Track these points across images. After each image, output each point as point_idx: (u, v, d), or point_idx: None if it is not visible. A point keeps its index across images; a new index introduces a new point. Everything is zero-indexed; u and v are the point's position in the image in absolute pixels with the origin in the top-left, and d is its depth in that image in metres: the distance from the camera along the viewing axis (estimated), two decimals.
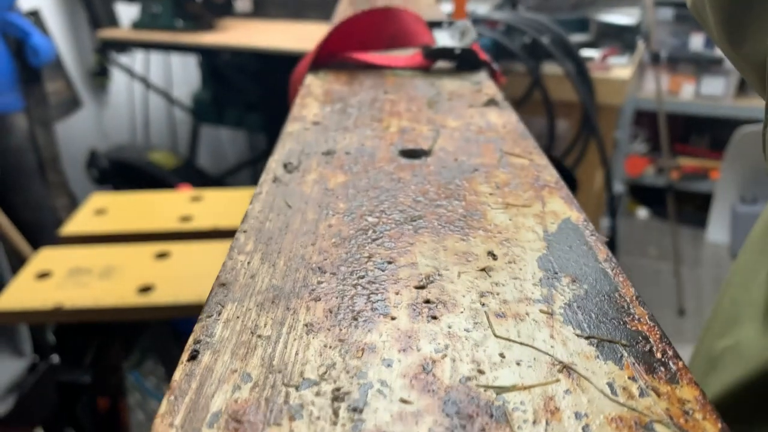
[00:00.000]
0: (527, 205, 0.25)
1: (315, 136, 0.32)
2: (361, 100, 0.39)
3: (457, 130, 0.33)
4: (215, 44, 1.62)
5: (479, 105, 0.38)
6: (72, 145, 2.02)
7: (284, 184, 0.26)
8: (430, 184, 0.27)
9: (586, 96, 1.32)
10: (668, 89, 2.70)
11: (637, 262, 2.60)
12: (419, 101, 0.39)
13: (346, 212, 0.24)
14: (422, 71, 0.46)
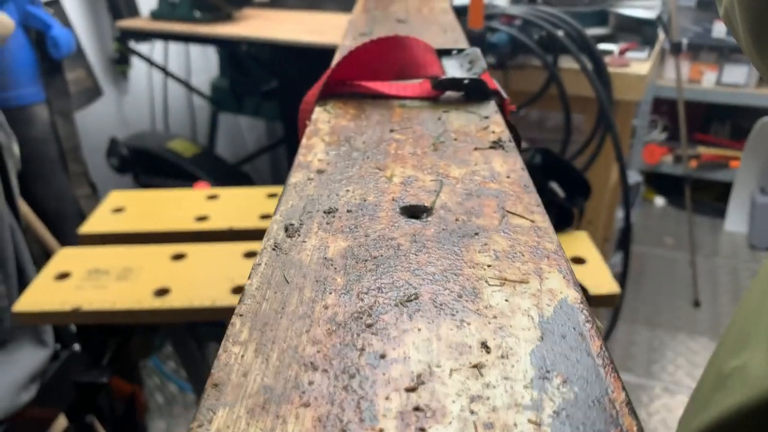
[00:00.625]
0: (525, 281, 0.25)
1: (318, 191, 0.32)
2: (366, 140, 0.38)
3: (460, 181, 0.33)
4: (232, 35, 1.61)
5: (485, 147, 0.37)
6: (93, 134, 2.04)
7: (284, 252, 0.26)
8: (429, 252, 0.26)
9: (602, 92, 1.30)
10: (689, 77, 2.65)
11: (653, 252, 2.57)
12: (425, 142, 0.38)
13: (344, 289, 0.24)
14: (431, 101, 0.45)
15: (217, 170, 1.94)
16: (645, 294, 2.31)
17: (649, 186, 3.02)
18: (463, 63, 0.46)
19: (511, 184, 0.33)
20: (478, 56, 0.46)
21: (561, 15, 1.36)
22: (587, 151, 1.45)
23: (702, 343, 2.05)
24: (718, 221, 2.77)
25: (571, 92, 1.39)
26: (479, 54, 0.46)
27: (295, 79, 1.77)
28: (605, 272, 0.83)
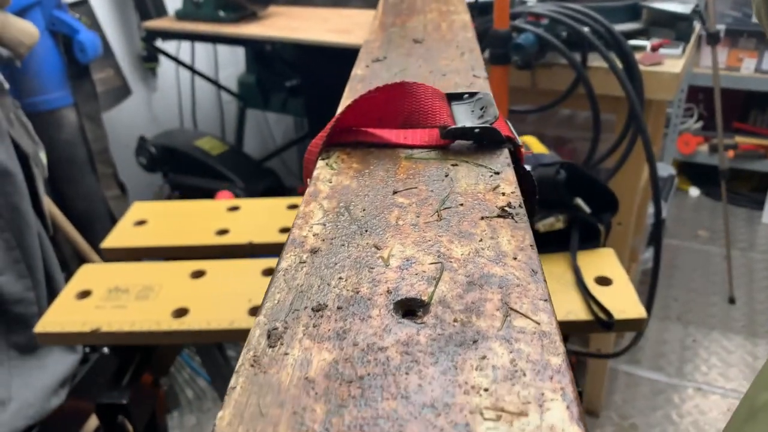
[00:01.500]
0: (524, 413, 0.22)
1: (308, 279, 0.29)
2: (368, 206, 0.36)
3: (462, 264, 0.30)
4: (256, 36, 1.59)
5: (493, 215, 0.35)
6: (123, 132, 2.05)
7: (263, 370, 0.24)
8: (421, 370, 0.24)
9: (632, 93, 1.24)
10: (727, 64, 2.54)
11: (686, 245, 2.50)
12: (429, 209, 0.35)
13: (322, 425, 0.22)
14: (439, 150, 0.43)
15: (244, 168, 1.94)
16: (677, 290, 2.25)
17: (684, 176, 2.92)
18: (475, 109, 0.43)
19: (518, 269, 0.30)
20: (490, 101, 0.43)
21: (589, 12, 1.30)
22: (618, 151, 1.40)
23: (736, 342, 1.99)
24: (756, 213, 2.67)
25: (601, 92, 1.33)
26: (491, 99, 0.43)
27: (320, 77, 1.74)
28: (631, 294, 0.79)
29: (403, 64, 0.61)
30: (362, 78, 0.58)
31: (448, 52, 0.65)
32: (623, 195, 1.53)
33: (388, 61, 0.63)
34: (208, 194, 1.90)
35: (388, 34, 0.73)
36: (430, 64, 0.61)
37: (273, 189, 1.95)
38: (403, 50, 0.66)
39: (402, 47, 0.67)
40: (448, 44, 0.68)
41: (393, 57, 0.64)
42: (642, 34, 1.45)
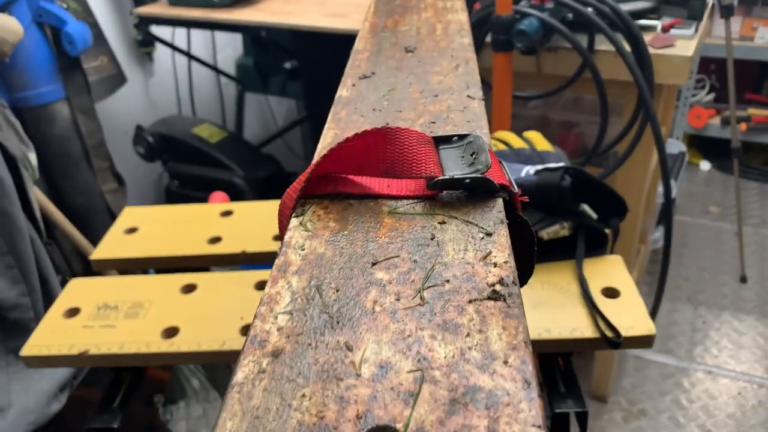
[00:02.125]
0: None
1: (266, 399, 0.26)
2: (342, 283, 0.32)
3: (445, 373, 0.26)
4: (250, 21, 1.53)
5: (483, 296, 0.30)
6: (120, 121, 2.01)
7: None
8: None
9: (641, 78, 1.18)
10: (740, 33, 2.45)
11: (697, 222, 2.44)
12: (410, 289, 0.31)
13: None
14: (426, 201, 0.38)
15: (244, 155, 1.89)
16: (687, 269, 2.20)
17: (694, 149, 2.85)
18: (465, 154, 0.39)
19: (509, 379, 0.26)
20: (482, 147, 0.38)
21: None
22: (627, 137, 1.34)
23: (748, 323, 1.95)
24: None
25: (609, 76, 1.27)
26: (483, 144, 0.38)
27: (316, 61, 1.68)
28: (640, 308, 0.75)
29: (392, 82, 0.56)
30: (347, 101, 0.53)
31: (441, 64, 0.60)
32: (632, 180, 1.48)
33: (376, 78, 0.58)
34: (207, 183, 1.86)
35: (378, 40, 0.68)
36: (422, 82, 0.56)
37: (273, 176, 1.91)
38: (393, 62, 0.61)
39: (392, 58, 0.62)
40: (442, 53, 0.63)
41: (382, 72, 0.59)
42: (652, 12, 1.38)
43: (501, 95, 1.33)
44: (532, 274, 0.41)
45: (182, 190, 1.90)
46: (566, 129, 1.65)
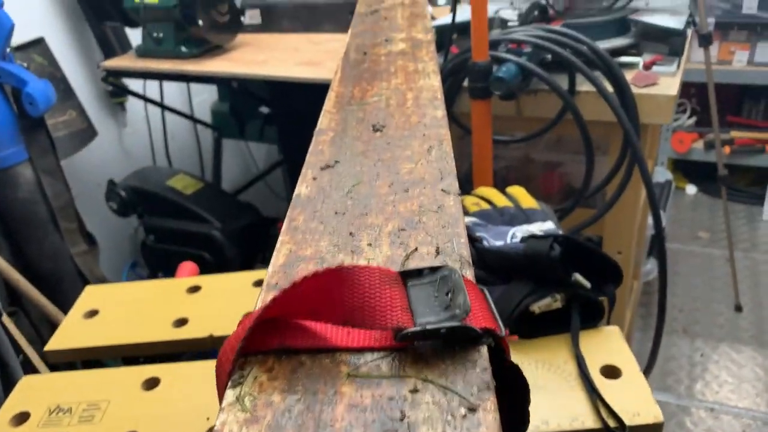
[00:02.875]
0: None
1: None
2: None
3: None
4: (220, 73, 1.47)
5: None
6: (93, 174, 1.94)
7: None
8: None
9: (626, 121, 1.13)
10: (718, 58, 2.42)
11: (687, 248, 2.39)
12: None
13: None
14: (395, 356, 0.31)
15: (221, 206, 1.82)
16: (681, 298, 2.14)
17: (679, 173, 2.81)
18: (439, 293, 0.32)
19: None
20: (459, 285, 0.31)
21: (574, 34, 1.18)
22: (614, 180, 1.29)
23: (747, 355, 1.89)
24: (756, 209, 2.56)
25: (592, 117, 1.22)
26: (460, 281, 0.32)
27: (291, 107, 1.62)
28: (643, 389, 0.68)
29: (358, 173, 0.50)
30: (306, 201, 0.46)
31: (413, 147, 0.53)
32: (622, 218, 1.42)
33: (340, 167, 0.51)
34: (183, 237, 1.78)
35: (344, 116, 0.61)
36: (391, 171, 0.49)
37: (252, 225, 1.84)
38: (360, 145, 0.55)
39: (359, 140, 0.56)
40: (413, 131, 0.56)
41: (346, 159, 0.52)
42: (633, 48, 1.34)
43: (481, 141, 1.27)
44: (528, 425, 0.34)
45: (159, 245, 1.82)
46: (550, 169, 1.60)
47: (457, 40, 1.40)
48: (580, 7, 1.41)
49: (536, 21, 1.33)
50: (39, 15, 1.72)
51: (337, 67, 0.76)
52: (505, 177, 1.72)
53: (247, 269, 1.89)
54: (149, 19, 1.53)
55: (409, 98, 0.64)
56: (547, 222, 0.89)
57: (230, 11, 1.56)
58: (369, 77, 0.71)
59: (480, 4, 1.05)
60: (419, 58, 0.76)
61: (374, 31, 0.91)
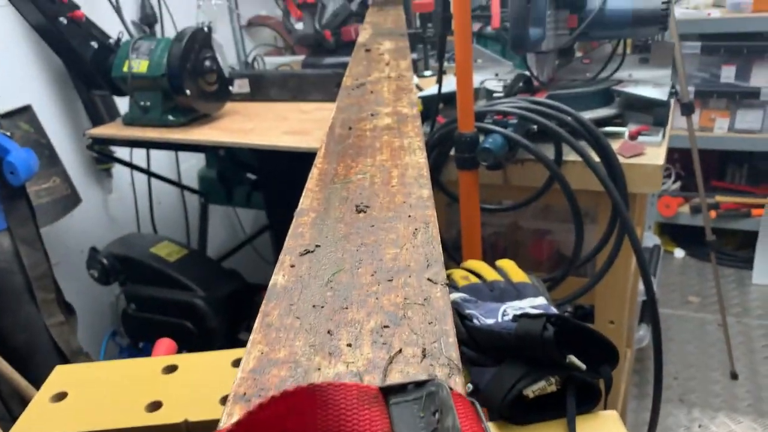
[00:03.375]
0: None
1: None
2: None
3: None
4: (207, 141, 1.46)
5: None
6: (75, 241, 1.89)
7: None
8: None
9: (614, 191, 1.12)
10: (699, 125, 2.46)
11: (678, 314, 2.36)
12: None
13: None
14: None
15: (205, 273, 1.77)
16: (675, 365, 2.09)
17: (666, 237, 2.81)
18: (425, 411, 0.28)
19: None
20: (447, 404, 0.28)
21: (560, 105, 1.18)
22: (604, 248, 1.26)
23: (745, 425, 1.82)
24: (745, 273, 2.54)
25: (580, 187, 1.21)
26: (448, 399, 0.28)
27: (277, 174, 1.61)
28: None
29: (339, 260, 0.47)
30: (282, 292, 0.43)
31: (398, 229, 0.51)
32: (614, 286, 1.39)
33: (320, 252, 0.48)
34: (166, 305, 1.73)
35: (327, 195, 0.59)
36: (374, 257, 0.47)
37: (236, 293, 1.79)
38: (342, 227, 0.52)
39: (341, 221, 0.53)
40: (398, 212, 0.54)
41: (328, 243, 0.49)
42: (617, 118, 1.34)
43: (468, 210, 1.25)
44: None
45: (140, 314, 1.76)
46: (539, 236, 1.58)
47: (444, 110, 1.40)
48: (564, 79, 1.42)
49: (521, 92, 1.34)
50: (28, 83, 1.71)
51: (322, 142, 0.75)
52: (494, 244, 1.69)
53: (231, 338, 1.84)
54: (137, 88, 1.52)
55: (395, 176, 0.62)
56: (538, 297, 0.86)
57: (218, 81, 1.56)
58: (354, 153, 0.70)
59: (465, 77, 1.05)
60: (405, 133, 0.75)
61: (360, 104, 0.90)
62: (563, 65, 1.46)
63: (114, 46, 1.58)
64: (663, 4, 1.24)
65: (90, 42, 1.53)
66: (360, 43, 1.37)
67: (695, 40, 2.36)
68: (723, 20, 2.30)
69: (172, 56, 1.46)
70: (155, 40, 1.53)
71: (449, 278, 0.89)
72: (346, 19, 1.90)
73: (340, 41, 1.90)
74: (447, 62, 1.64)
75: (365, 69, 1.13)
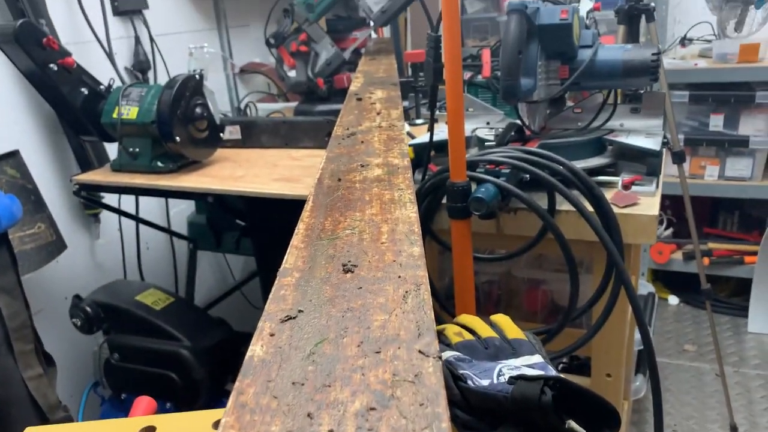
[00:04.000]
0: None
1: None
2: None
3: None
4: (196, 188, 1.43)
5: None
6: (60, 287, 1.84)
7: None
8: None
9: (610, 242, 1.09)
10: (690, 173, 2.46)
11: (675, 363, 2.31)
12: None
13: None
14: None
15: (191, 322, 1.72)
16: (674, 417, 2.03)
17: (660, 284, 2.78)
18: None
19: None
20: None
21: (553, 156, 1.16)
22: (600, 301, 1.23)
23: None
24: (740, 321, 2.51)
25: (574, 237, 1.18)
26: None
27: (267, 221, 1.58)
28: None
29: (324, 327, 0.43)
30: (260, 365, 0.39)
31: (386, 292, 0.47)
32: (610, 337, 1.35)
33: (303, 319, 0.44)
34: (150, 356, 1.67)
35: (313, 253, 0.56)
36: (361, 325, 0.43)
37: (223, 343, 1.73)
38: (328, 289, 0.48)
39: (327, 282, 0.50)
40: (387, 272, 0.51)
41: (311, 308, 0.46)
42: (610, 167, 1.33)
43: (461, 259, 1.21)
44: None
45: (123, 364, 1.70)
46: (534, 285, 1.55)
47: (436, 158, 1.39)
48: (555, 128, 1.41)
49: (513, 141, 1.32)
50: (16, 128, 1.69)
51: (310, 194, 0.72)
52: (488, 293, 1.66)
53: (218, 389, 1.77)
54: (126, 135, 1.50)
55: (384, 231, 0.59)
56: (535, 355, 0.82)
57: (209, 127, 1.55)
58: (342, 206, 0.67)
59: (457, 128, 1.04)
60: (395, 185, 0.72)
61: (350, 155, 0.88)
62: (555, 114, 1.45)
63: (105, 93, 1.56)
64: (653, 55, 1.24)
65: (80, 88, 1.51)
66: (352, 92, 1.36)
67: (683, 89, 2.38)
68: (710, 70, 2.32)
69: (162, 103, 1.44)
70: (146, 87, 1.51)
71: (442, 334, 0.85)
72: (339, 68, 1.90)
73: (332, 89, 1.90)
74: (438, 110, 1.64)
75: (356, 118, 1.11)
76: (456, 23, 0.99)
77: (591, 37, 1.29)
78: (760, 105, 2.28)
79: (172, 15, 2.25)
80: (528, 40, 1.21)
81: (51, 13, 1.74)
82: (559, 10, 1.22)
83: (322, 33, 1.91)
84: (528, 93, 1.24)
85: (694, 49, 2.59)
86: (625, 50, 1.27)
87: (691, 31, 2.64)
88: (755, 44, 2.25)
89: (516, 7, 1.18)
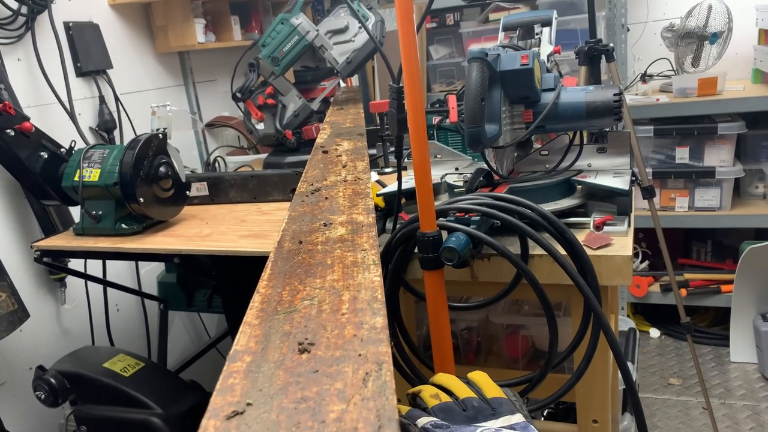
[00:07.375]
0: None
1: None
2: None
3: None
4: (161, 250, 1.38)
5: None
6: (24, 357, 1.75)
7: None
8: None
9: (586, 287, 1.06)
10: (660, 205, 2.47)
11: (661, 398, 2.26)
12: None
13: None
14: None
15: (163, 388, 1.64)
16: None
17: (639, 316, 2.76)
18: None
19: None
20: None
21: (519, 200, 1.14)
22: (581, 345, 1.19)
23: None
24: (722, 351, 2.49)
25: (549, 281, 1.15)
26: None
27: (235, 278, 1.52)
28: None
29: (273, 425, 0.38)
30: None
31: (345, 375, 0.43)
32: (594, 387, 1.31)
33: (250, 415, 0.40)
34: (120, 426, 1.58)
35: (267, 330, 0.51)
36: (315, 420, 0.38)
37: (196, 408, 1.65)
38: (281, 375, 0.44)
39: (280, 367, 0.45)
40: (347, 350, 0.46)
41: (261, 401, 0.41)
42: (580, 208, 1.31)
43: (436, 310, 1.17)
44: None
45: None
46: (513, 331, 1.51)
47: (407, 205, 1.36)
48: (524, 171, 1.40)
49: (482, 186, 1.30)
50: None
51: (269, 260, 0.68)
52: (468, 340, 1.61)
53: None
54: (88, 197, 1.45)
55: (346, 300, 0.55)
56: (515, 414, 0.77)
57: (174, 186, 1.50)
58: (302, 273, 0.63)
59: (423, 178, 1.01)
60: (359, 245, 0.69)
61: (314, 213, 0.84)
62: (522, 157, 1.44)
63: (66, 155, 1.52)
64: (615, 96, 1.23)
65: (40, 153, 1.46)
66: (318, 144, 1.34)
67: (648, 124, 2.41)
68: (671, 105, 2.36)
69: (124, 164, 1.40)
70: (108, 148, 1.47)
71: (418, 397, 0.80)
72: (307, 119, 1.88)
73: (301, 140, 1.88)
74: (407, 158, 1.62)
75: (321, 172, 1.08)
76: (417, 75, 0.97)
77: (553, 80, 1.29)
78: (722, 136, 2.32)
79: (138, 73, 2.23)
80: (490, 86, 1.21)
81: (11, 77, 1.70)
82: (520, 55, 1.22)
83: (289, 85, 1.90)
84: (493, 139, 1.22)
85: (655, 84, 2.64)
86: (588, 92, 1.27)
87: (650, 67, 2.69)
88: (713, 78, 2.29)
89: (476, 55, 1.17)
